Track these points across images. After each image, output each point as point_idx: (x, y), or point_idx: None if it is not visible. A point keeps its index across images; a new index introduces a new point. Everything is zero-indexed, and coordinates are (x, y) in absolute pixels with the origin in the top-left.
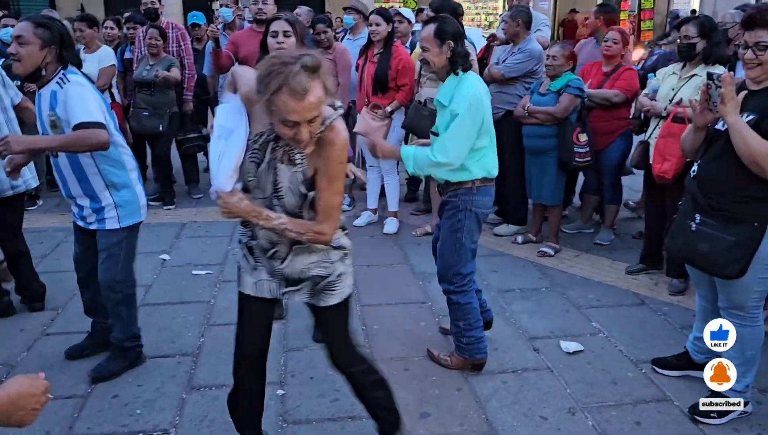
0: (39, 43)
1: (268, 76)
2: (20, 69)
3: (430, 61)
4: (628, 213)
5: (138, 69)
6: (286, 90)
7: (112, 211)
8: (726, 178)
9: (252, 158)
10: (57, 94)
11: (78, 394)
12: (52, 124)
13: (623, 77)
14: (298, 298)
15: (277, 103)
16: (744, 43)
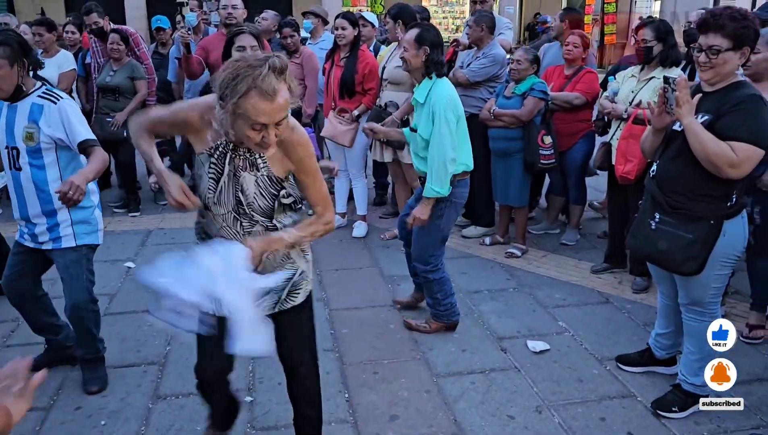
0: (7, 63)
1: (235, 79)
2: (2, 94)
3: (407, 59)
4: (593, 213)
5: (101, 74)
6: (255, 92)
7: (68, 229)
8: (683, 177)
9: (211, 174)
10: (44, 109)
11: (40, 407)
12: (29, 136)
13: (584, 80)
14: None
15: (246, 106)
16: (698, 46)
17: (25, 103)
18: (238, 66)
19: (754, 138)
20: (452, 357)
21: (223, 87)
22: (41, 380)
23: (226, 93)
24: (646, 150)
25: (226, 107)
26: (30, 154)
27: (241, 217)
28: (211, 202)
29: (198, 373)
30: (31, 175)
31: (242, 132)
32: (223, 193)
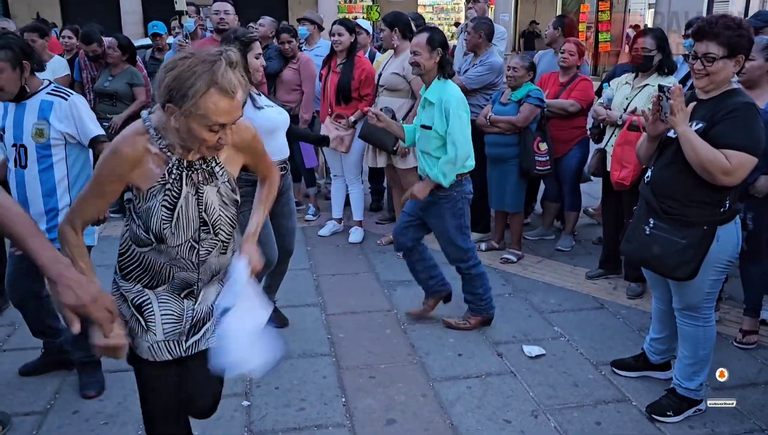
0: (9, 66)
1: (190, 79)
2: (6, 97)
3: (421, 63)
4: (588, 219)
5: (99, 79)
6: (215, 90)
7: None
8: (677, 183)
9: (164, 203)
10: (54, 105)
11: (37, 411)
12: (39, 133)
13: (579, 87)
14: (205, 345)
15: (207, 105)
16: (693, 54)
17: (34, 101)
18: (190, 63)
19: (747, 146)
20: (448, 361)
21: (174, 88)
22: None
23: (177, 94)
24: (641, 156)
25: (179, 111)
26: (39, 151)
27: (200, 244)
28: (168, 232)
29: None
30: (37, 173)
31: (196, 135)
32: (182, 219)
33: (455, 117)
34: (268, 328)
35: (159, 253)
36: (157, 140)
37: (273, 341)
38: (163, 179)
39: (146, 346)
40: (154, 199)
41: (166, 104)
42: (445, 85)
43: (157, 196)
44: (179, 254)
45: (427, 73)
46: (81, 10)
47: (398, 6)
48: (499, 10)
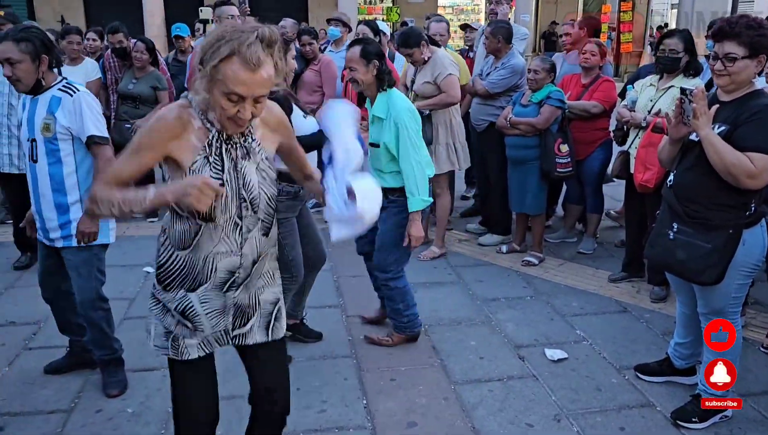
0: (29, 58)
1: (218, 41)
2: (23, 87)
3: (359, 79)
4: (610, 222)
5: (122, 81)
6: (237, 58)
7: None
8: (701, 186)
9: (213, 177)
10: (62, 101)
11: (61, 409)
12: (46, 127)
13: (601, 88)
14: (252, 339)
15: (225, 71)
16: (714, 54)
17: (46, 96)
18: (224, 30)
19: None
20: (470, 364)
21: (206, 49)
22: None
23: (206, 55)
24: (664, 159)
25: (204, 71)
26: (47, 145)
27: (243, 221)
28: (219, 209)
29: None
30: (47, 168)
31: (216, 102)
32: (228, 193)
33: (405, 130)
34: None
35: (204, 243)
36: (198, 113)
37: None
38: (205, 151)
39: (195, 344)
40: (205, 172)
41: (198, 66)
42: (389, 97)
43: (202, 171)
44: (224, 233)
45: (367, 88)
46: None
47: (418, 8)
48: (520, 11)
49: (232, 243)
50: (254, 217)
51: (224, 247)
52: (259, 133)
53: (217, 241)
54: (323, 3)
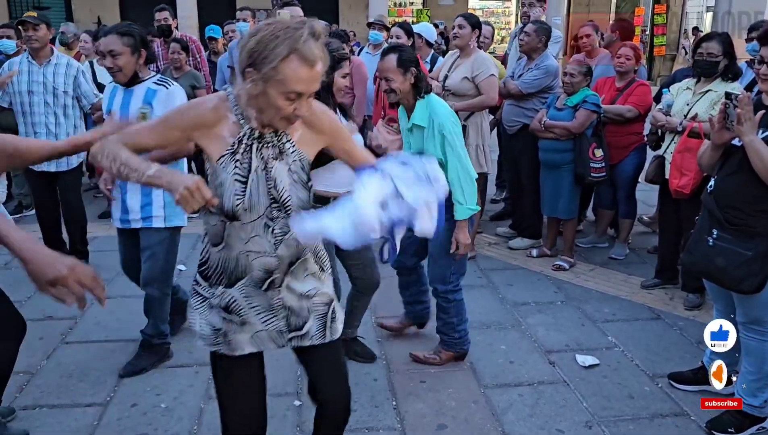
0: (129, 51)
1: (273, 41)
2: (122, 78)
3: (396, 89)
4: (643, 228)
5: None
6: (296, 56)
7: (160, 211)
8: (742, 192)
9: (237, 175)
10: (157, 93)
11: (98, 402)
12: (142, 116)
13: (636, 93)
14: (309, 341)
15: (285, 71)
16: (760, 58)
17: (141, 88)
18: (274, 28)
19: None
20: (500, 368)
21: (256, 51)
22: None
23: (259, 57)
24: (704, 165)
25: (258, 74)
26: None
27: (274, 222)
28: (241, 208)
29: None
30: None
31: (272, 102)
32: (254, 194)
33: (453, 137)
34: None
35: (236, 235)
36: (234, 108)
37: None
38: (232, 147)
39: (247, 339)
40: (226, 173)
41: (246, 69)
42: (429, 103)
43: (227, 168)
44: (254, 232)
45: (404, 97)
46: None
47: (449, 10)
48: (551, 14)
49: (264, 244)
50: (287, 220)
51: (256, 247)
52: (297, 135)
53: (247, 240)
54: (354, 5)
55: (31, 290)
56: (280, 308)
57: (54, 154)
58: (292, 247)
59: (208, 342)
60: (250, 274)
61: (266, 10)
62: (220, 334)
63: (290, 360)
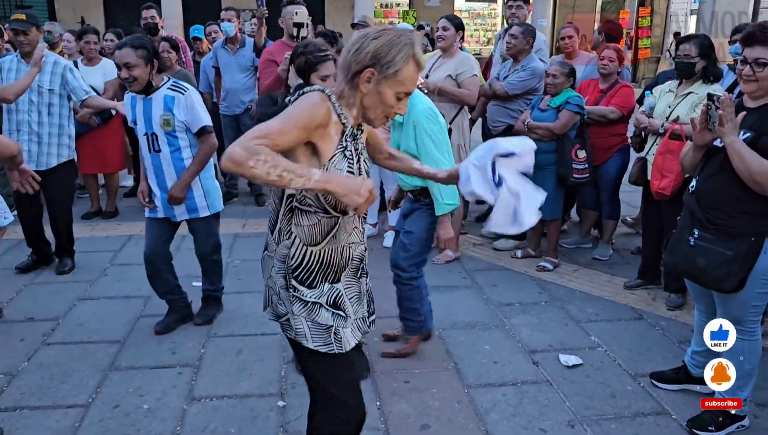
0: (143, 63)
1: (396, 46)
2: (137, 87)
3: None
4: (626, 229)
5: None
6: (413, 61)
7: (203, 201)
8: (724, 193)
9: (349, 170)
10: (175, 99)
11: (79, 404)
12: (166, 122)
13: (619, 94)
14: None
15: (405, 74)
16: (743, 59)
17: (158, 95)
18: (393, 34)
19: None
20: (483, 368)
21: (382, 53)
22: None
23: (384, 59)
24: (686, 165)
25: (379, 75)
26: (168, 138)
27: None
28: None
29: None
30: (169, 156)
31: (385, 101)
32: None
33: (422, 132)
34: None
35: (341, 234)
36: (337, 107)
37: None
38: (342, 145)
39: (350, 331)
40: (338, 170)
41: (366, 68)
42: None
43: (339, 165)
44: (354, 225)
45: None
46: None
47: (435, 11)
48: (536, 16)
49: (359, 233)
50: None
51: (355, 237)
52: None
53: (351, 231)
54: (340, 6)
55: (12, 292)
56: (366, 294)
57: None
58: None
59: (319, 343)
60: (350, 265)
61: (251, 10)
62: (330, 332)
63: (273, 361)
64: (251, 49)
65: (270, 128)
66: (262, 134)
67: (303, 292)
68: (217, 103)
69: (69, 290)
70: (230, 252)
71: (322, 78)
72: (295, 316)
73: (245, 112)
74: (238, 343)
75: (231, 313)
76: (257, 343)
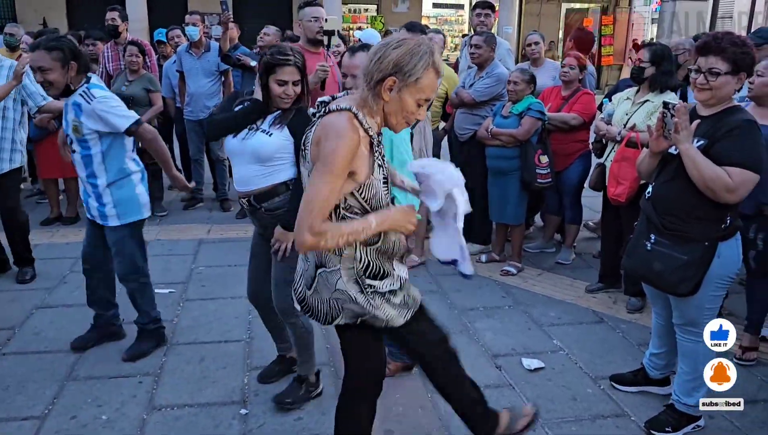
0: (59, 65)
1: (413, 58)
2: (54, 92)
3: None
4: (588, 233)
5: (115, 84)
6: (433, 69)
7: (112, 210)
8: (679, 199)
9: (383, 178)
10: (81, 107)
11: (35, 416)
12: (75, 128)
13: (581, 101)
14: None
15: (425, 82)
16: (697, 68)
17: (72, 100)
18: (414, 43)
19: (750, 163)
20: None
21: (405, 62)
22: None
23: (406, 68)
24: (643, 172)
25: (401, 82)
26: (80, 142)
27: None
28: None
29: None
30: (80, 159)
31: (407, 107)
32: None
33: (400, 143)
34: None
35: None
36: (363, 121)
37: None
38: (373, 156)
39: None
40: (377, 181)
41: (388, 77)
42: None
43: (378, 176)
44: None
45: None
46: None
47: (403, 17)
48: (502, 23)
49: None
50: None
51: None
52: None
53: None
54: None
55: None
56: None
57: None
58: None
59: (403, 314)
60: (399, 249)
61: (217, 14)
62: (408, 300)
63: (237, 368)
64: (216, 54)
65: (318, 197)
66: (315, 209)
67: (377, 285)
68: (181, 108)
69: (26, 298)
70: (194, 258)
71: (279, 81)
72: (378, 307)
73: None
74: (201, 350)
75: (194, 320)
76: (220, 351)
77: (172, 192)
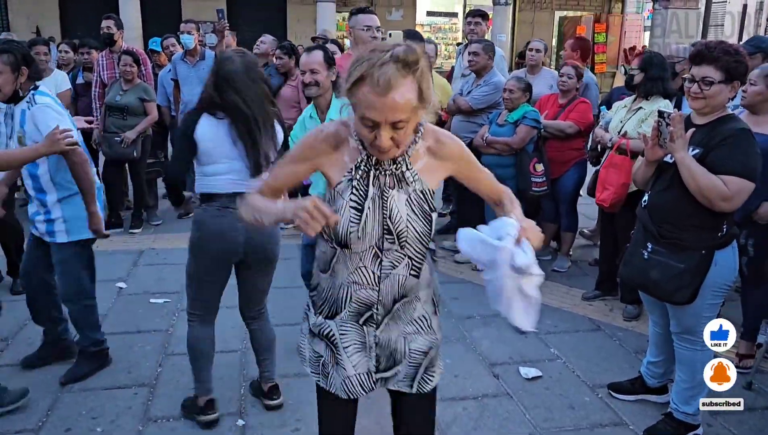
0: (9, 69)
1: (354, 63)
2: (1, 97)
3: (321, 81)
4: (584, 241)
5: (110, 93)
6: (368, 80)
7: (61, 225)
8: (675, 207)
9: (353, 201)
10: (25, 113)
11: (29, 428)
12: (19, 139)
13: (577, 109)
14: (394, 386)
15: (358, 95)
16: (691, 77)
17: (19, 108)
18: (362, 53)
19: (745, 171)
20: (444, 382)
21: (349, 72)
22: None
23: (345, 78)
24: (639, 180)
25: (346, 96)
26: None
27: (383, 254)
28: (355, 236)
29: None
30: (25, 170)
31: (357, 126)
32: (369, 222)
33: None
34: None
35: (340, 269)
36: (354, 134)
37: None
38: (350, 174)
39: (340, 384)
40: (341, 199)
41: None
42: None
43: (343, 194)
44: (362, 262)
45: (326, 93)
46: (80, 24)
47: (397, 25)
48: (496, 31)
49: (369, 275)
50: (400, 253)
51: (360, 278)
52: (421, 163)
53: (353, 269)
54: (303, 19)
55: None
56: (374, 346)
57: None
58: (396, 284)
59: (312, 369)
60: (348, 306)
61: (211, 22)
62: (320, 363)
63: (233, 379)
64: (211, 62)
65: (271, 174)
66: (265, 181)
67: (311, 313)
68: (175, 117)
69: (19, 309)
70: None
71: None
72: (302, 333)
73: None
74: None
75: None
76: (216, 361)
77: (167, 201)
